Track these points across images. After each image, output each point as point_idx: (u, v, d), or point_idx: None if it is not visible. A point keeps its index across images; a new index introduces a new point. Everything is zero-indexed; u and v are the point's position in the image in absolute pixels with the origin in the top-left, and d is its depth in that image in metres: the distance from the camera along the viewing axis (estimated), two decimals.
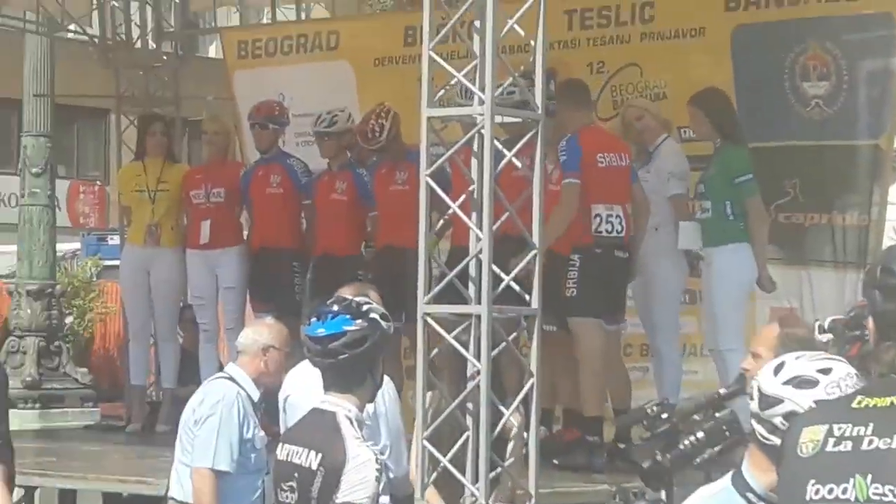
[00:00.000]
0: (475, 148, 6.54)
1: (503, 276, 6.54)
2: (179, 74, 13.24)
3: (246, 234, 10.73)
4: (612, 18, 10.89)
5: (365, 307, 5.07)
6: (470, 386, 6.41)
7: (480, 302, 6.40)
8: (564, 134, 8.75)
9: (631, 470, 6.26)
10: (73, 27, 13.24)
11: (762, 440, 3.79)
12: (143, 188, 10.83)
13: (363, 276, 9.26)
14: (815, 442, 3.33)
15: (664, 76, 10.12)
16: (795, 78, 10.08)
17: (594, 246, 8.72)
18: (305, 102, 11.53)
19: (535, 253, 6.60)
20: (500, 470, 6.52)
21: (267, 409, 6.91)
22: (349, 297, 5.25)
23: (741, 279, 8.88)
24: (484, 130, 6.45)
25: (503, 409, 6.50)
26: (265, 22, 14.47)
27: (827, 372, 3.75)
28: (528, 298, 6.69)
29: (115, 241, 14.97)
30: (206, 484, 6.49)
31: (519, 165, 6.69)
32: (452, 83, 6.90)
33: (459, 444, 6.44)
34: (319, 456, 4.81)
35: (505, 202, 6.56)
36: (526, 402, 6.66)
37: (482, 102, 6.48)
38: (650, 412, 5.15)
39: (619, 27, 10.81)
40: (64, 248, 19.22)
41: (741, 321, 8.81)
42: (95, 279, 19.98)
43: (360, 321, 4.96)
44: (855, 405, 3.37)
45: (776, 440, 3.70)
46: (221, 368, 8.38)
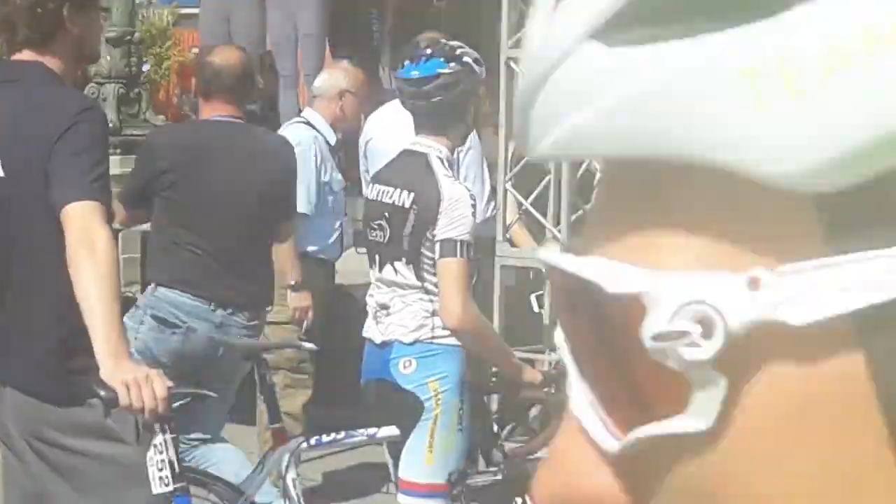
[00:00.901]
0: None
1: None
2: None
3: None
4: None
5: (458, 51, 5.12)
6: None
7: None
8: None
9: None
10: None
11: None
12: None
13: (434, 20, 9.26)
14: None
15: None
16: None
17: None
18: None
19: None
20: (581, 212, 6.60)
21: (347, 153, 7.07)
22: (442, 40, 5.30)
23: None
24: None
25: None
26: None
27: None
28: None
29: None
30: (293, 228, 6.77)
31: None
32: None
33: (541, 186, 6.58)
34: (412, 195, 4.90)
35: None
36: None
37: None
38: None
39: None
40: None
41: None
42: (171, 27, 20.31)
43: (453, 64, 5.03)
44: None
45: None
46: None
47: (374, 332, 5.05)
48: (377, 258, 5.03)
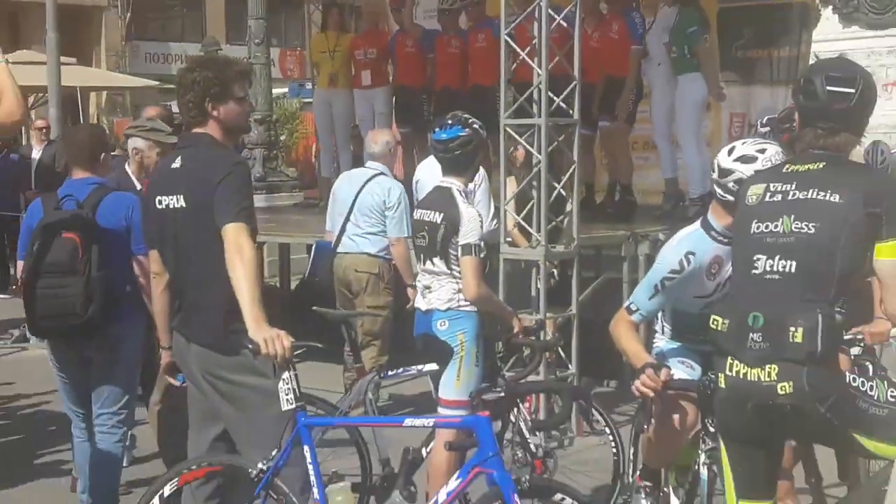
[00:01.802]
0: (536, 15, 7.31)
1: (554, 98, 7.24)
2: None
3: (391, 77, 12.11)
4: None
5: (471, 121, 5.94)
6: (534, 171, 7.22)
7: (541, 115, 7.16)
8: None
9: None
10: None
11: (720, 197, 4.49)
12: (325, 50, 12.50)
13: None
14: (757, 195, 3.91)
15: None
16: None
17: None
18: None
19: (575, 83, 7.30)
20: (554, 223, 7.45)
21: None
22: (461, 115, 6.01)
23: (695, 96, 9.92)
24: (542, 2, 7.22)
25: (555, 185, 7.31)
26: None
27: (763, 151, 4.45)
28: (572, 113, 7.46)
29: (310, 86, 16.74)
30: (404, 247, 7.78)
31: (565, 25, 7.43)
32: None
33: (529, 206, 7.33)
34: (441, 214, 5.72)
35: (555, 49, 7.28)
36: (571, 178, 7.53)
37: None
38: None
39: None
40: (277, 91, 22.38)
41: (697, 125, 9.97)
42: (299, 111, 23.76)
43: (468, 130, 5.86)
44: (784, 170, 3.93)
45: (730, 197, 4.35)
46: None
47: (421, 303, 5.82)
48: (422, 256, 5.85)
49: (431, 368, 5.75)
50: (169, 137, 6.62)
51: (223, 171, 4.57)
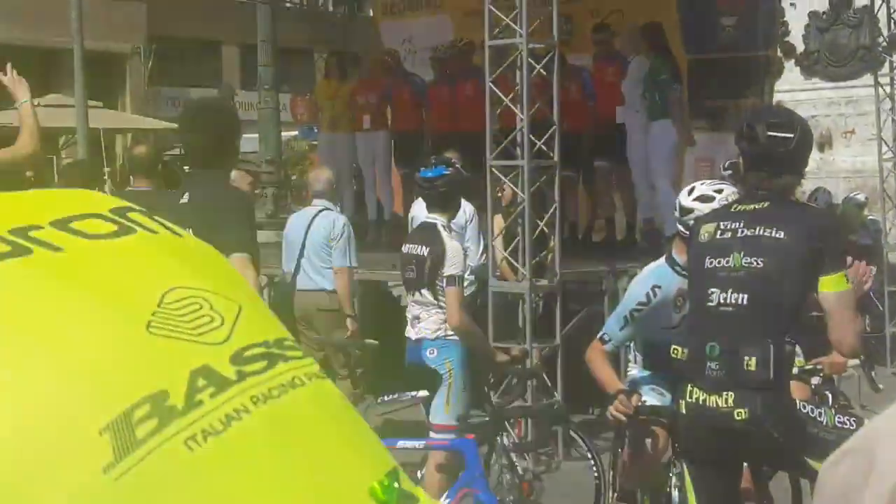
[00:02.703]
0: (518, 64, 7.37)
1: (536, 141, 7.32)
2: (349, 26, 15.49)
3: (390, 122, 12.14)
4: None
5: (453, 160, 6.04)
6: (518, 209, 7.28)
7: (523, 157, 7.23)
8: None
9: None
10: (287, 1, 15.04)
11: (682, 234, 4.55)
12: (328, 96, 12.62)
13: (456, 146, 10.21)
14: (709, 232, 3.93)
15: (636, 17, 11.06)
16: (716, 14, 11.60)
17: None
18: (423, 41, 13.09)
19: (554, 127, 7.39)
20: (538, 259, 7.45)
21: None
22: (444, 156, 6.18)
23: (667, 141, 10.05)
24: (522, 53, 7.30)
25: (539, 222, 7.37)
26: None
27: (720, 191, 4.54)
28: (552, 156, 7.49)
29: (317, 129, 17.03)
30: (346, 277, 7.56)
31: (545, 74, 7.49)
32: (503, 25, 7.71)
33: (514, 243, 7.34)
34: (427, 248, 5.75)
35: (536, 97, 7.38)
36: (553, 216, 7.57)
37: (521, 36, 7.32)
38: None
39: None
40: (288, 134, 23.13)
41: (669, 167, 10.12)
42: (308, 153, 23.80)
43: (451, 169, 5.90)
44: (733, 209, 3.96)
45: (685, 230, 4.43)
46: (378, 204, 11.28)
47: (411, 333, 5.82)
48: (411, 288, 5.86)
49: (423, 395, 5.72)
50: (258, 168, 6.65)
51: (231, 204, 4.55)
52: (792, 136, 3.86)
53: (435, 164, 5.98)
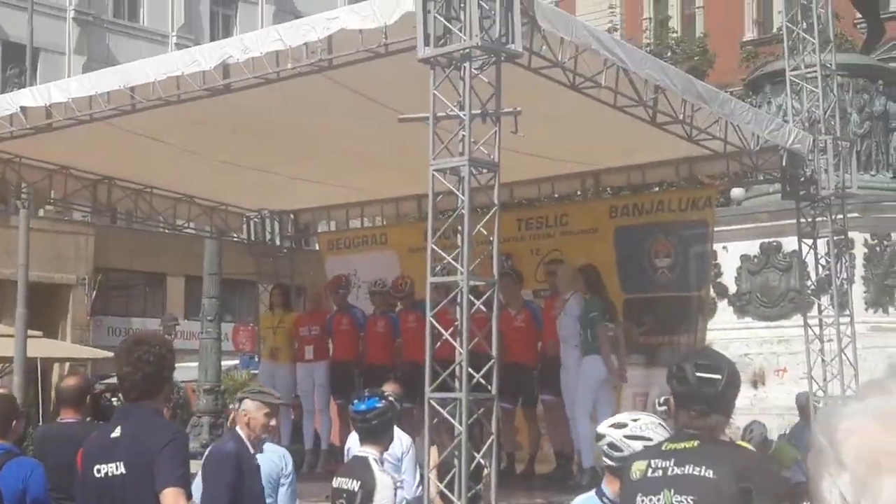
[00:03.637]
0: (458, 300, 7.57)
1: (475, 374, 7.41)
2: (295, 259, 15.51)
3: (330, 353, 12.37)
4: (544, 222, 12.89)
5: (387, 393, 6.15)
6: (455, 441, 7.28)
7: (461, 390, 7.30)
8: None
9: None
10: (233, 234, 15.36)
11: (604, 462, 4.67)
12: (270, 326, 12.91)
13: (394, 376, 10.43)
14: (640, 470, 4.00)
15: (575, 258, 11.60)
16: (651, 256, 12.04)
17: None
18: (368, 275, 13.42)
19: (493, 361, 7.51)
20: (474, 491, 7.37)
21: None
22: (377, 389, 6.26)
23: (594, 376, 10.33)
24: (463, 290, 7.47)
25: (476, 454, 7.35)
26: (343, 229, 16.39)
27: (636, 420, 4.59)
28: (490, 388, 7.52)
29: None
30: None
31: (484, 310, 7.68)
32: (445, 262, 7.94)
33: (450, 474, 7.31)
34: (358, 482, 5.74)
35: (475, 331, 7.51)
36: (490, 449, 7.53)
37: (462, 273, 7.48)
38: None
39: (547, 228, 12.79)
40: (228, 363, 23.42)
41: (591, 401, 10.27)
42: (248, 382, 23.21)
43: (383, 402, 5.99)
44: (663, 448, 4.05)
45: (608, 461, 4.51)
46: (315, 433, 11.18)
47: None
48: None
49: None
50: (278, 399, 6.59)
51: (165, 438, 4.61)
52: (720, 377, 3.95)
53: (367, 396, 6.04)
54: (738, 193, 18.44)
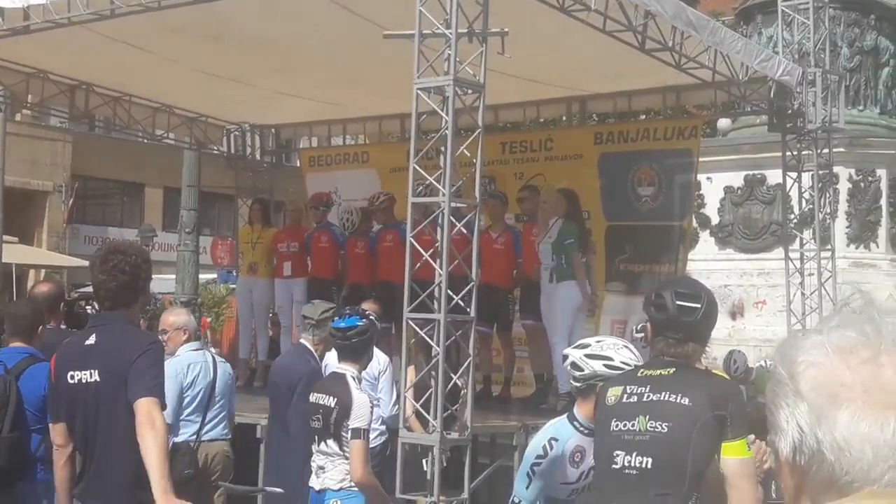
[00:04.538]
0: (439, 221, 7.55)
1: (454, 296, 7.42)
2: (275, 175, 15.43)
3: (309, 269, 12.32)
4: (528, 147, 12.82)
5: (367, 312, 6.13)
6: (433, 362, 7.31)
7: (440, 311, 7.32)
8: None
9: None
10: (213, 147, 15.19)
11: (572, 385, 4.72)
12: (248, 241, 12.87)
13: (374, 295, 10.40)
14: (615, 396, 4.04)
15: (558, 182, 11.48)
16: (634, 184, 11.97)
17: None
18: (349, 193, 13.52)
19: (472, 284, 7.53)
20: (451, 411, 7.48)
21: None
22: (357, 307, 6.21)
23: (570, 302, 10.27)
24: (444, 211, 7.44)
25: (453, 375, 7.41)
26: (325, 146, 16.23)
27: (599, 341, 4.64)
28: (469, 311, 7.57)
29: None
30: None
31: (465, 232, 7.66)
32: (427, 183, 7.90)
33: (427, 394, 7.39)
34: (335, 399, 5.77)
35: (456, 254, 7.50)
36: (466, 370, 7.61)
37: (444, 195, 7.47)
38: None
39: (532, 152, 12.73)
40: (206, 277, 23.39)
41: (567, 327, 10.18)
42: (226, 296, 23.41)
43: (364, 321, 5.98)
44: (639, 374, 4.08)
45: (575, 384, 4.55)
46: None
47: (315, 482, 5.78)
48: (316, 437, 5.81)
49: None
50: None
51: (140, 348, 4.61)
52: (699, 306, 3.98)
53: (348, 314, 6.04)
54: (724, 124, 18.39)
